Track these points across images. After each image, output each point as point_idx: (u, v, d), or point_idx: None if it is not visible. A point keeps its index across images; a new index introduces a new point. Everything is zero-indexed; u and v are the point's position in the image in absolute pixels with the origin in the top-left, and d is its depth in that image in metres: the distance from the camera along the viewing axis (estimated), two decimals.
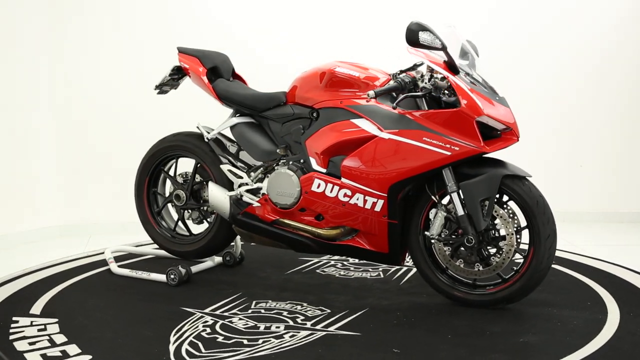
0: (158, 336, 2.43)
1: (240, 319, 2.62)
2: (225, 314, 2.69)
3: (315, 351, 2.27)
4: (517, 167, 2.64)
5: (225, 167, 3.08)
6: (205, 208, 3.28)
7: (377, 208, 2.70)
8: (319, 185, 2.79)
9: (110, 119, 4.34)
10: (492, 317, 2.59)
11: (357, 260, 3.52)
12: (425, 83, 2.60)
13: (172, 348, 2.31)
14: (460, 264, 2.68)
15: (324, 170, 2.80)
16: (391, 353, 2.24)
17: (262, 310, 2.72)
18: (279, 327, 2.52)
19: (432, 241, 2.72)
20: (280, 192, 2.89)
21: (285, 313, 2.69)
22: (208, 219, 3.31)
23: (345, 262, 3.50)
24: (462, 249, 2.66)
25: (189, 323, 2.57)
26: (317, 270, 3.36)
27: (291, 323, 2.56)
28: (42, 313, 2.71)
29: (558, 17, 4.55)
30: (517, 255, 2.74)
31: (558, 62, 4.56)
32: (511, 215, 2.63)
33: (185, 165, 3.41)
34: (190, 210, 3.32)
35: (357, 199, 2.73)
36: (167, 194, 3.45)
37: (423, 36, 2.46)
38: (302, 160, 2.90)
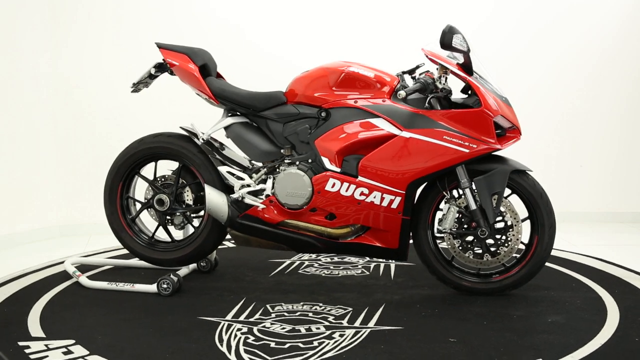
0: (205, 347, 2.31)
1: (271, 323, 2.56)
2: (251, 319, 2.61)
3: (378, 347, 2.30)
4: (518, 162, 2.85)
5: (223, 169, 2.97)
6: (188, 212, 3.13)
7: (394, 205, 2.78)
8: (333, 185, 2.80)
9: (110, 119, 4.30)
10: (505, 303, 2.78)
11: (329, 259, 3.57)
12: (444, 84, 2.72)
13: (233, 358, 2.20)
14: (469, 255, 2.84)
15: (339, 170, 2.81)
16: (449, 342, 2.34)
17: (285, 314, 2.68)
18: (319, 328, 2.50)
19: (444, 235, 2.85)
20: (291, 193, 2.86)
21: (310, 314, 2.67)
22: (192, 223, 3.17)
23: (320, 262, 3.52)
24: (474, 241, 2.82)
25: (225, 332, 2.46)
26: (299, 271, 3.35)
27: (327, 323, 2.56)
28: (48, 335, 2.44)
29: (559, 17, 4.56)
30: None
31: (558, 63, 4.58)
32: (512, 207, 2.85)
33: (157, 168, 3.22)
34: (172, 216, 3.14)
35: (374, 197, 2.78)
36: (136, 199, 3.23)
37: (456, 40, 2.59)
38: (310, 160, 2.89)
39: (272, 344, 2.33)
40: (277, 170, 2.95)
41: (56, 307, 2.78)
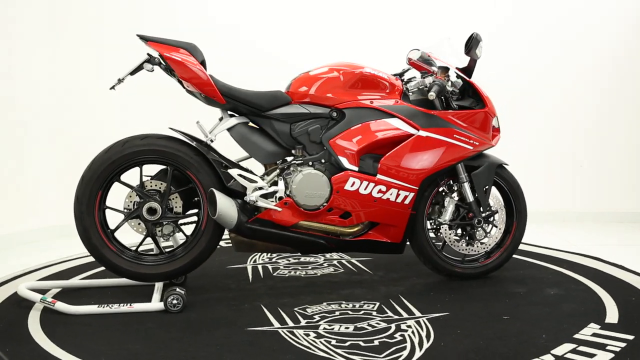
0: (303, 355, 2.21)
1: (329, 324, 2.53)
2: (302, 324, 2.54)
3: (456, 332, 2.43)
4: (497, 157, 3.19)
5: (234, 172, 2.81)
6: (177, 221, 2.89)
7: (407, 201, 2.92)
8: (353, 184, 2.85)
9: (110, 119, 4.31)
10: (496, 283, 3.10)
11: (287, 260, 3.56)
12: (452, 86, 2.95)
13: None
14: (462, 243, 3.11)
15: (357, 169, 2.86)
16: (506, 320, 2.56)
17: (326, 315, 2.66)
18: (379, 324, 2.54)
19: (442, 226, 3.07)
20: (310, 194, 2.83)
21: (349, 312, 2.69)
22: (183, 232, 2.93)
23: (282, 264, 3.50)
24: (470, 230, 3.09)
25: (294, 341, 2.36)
26: (275, 275, 3.30)
27: (379, 318, 2.60)
28: None
29: (560, 17, 4.60)
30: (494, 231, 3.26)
31: (558, 62, 4.62)
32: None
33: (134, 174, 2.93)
34: (160, 225, 2.87)
35: (391, 194, 2.89)
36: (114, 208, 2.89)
37: (479, 46, 2.83)
38: (323, 160, 2.88)
39: (361, 343, 2.33)
40: (290, 171, 2.88)
41: (61, 331, 2.38)
